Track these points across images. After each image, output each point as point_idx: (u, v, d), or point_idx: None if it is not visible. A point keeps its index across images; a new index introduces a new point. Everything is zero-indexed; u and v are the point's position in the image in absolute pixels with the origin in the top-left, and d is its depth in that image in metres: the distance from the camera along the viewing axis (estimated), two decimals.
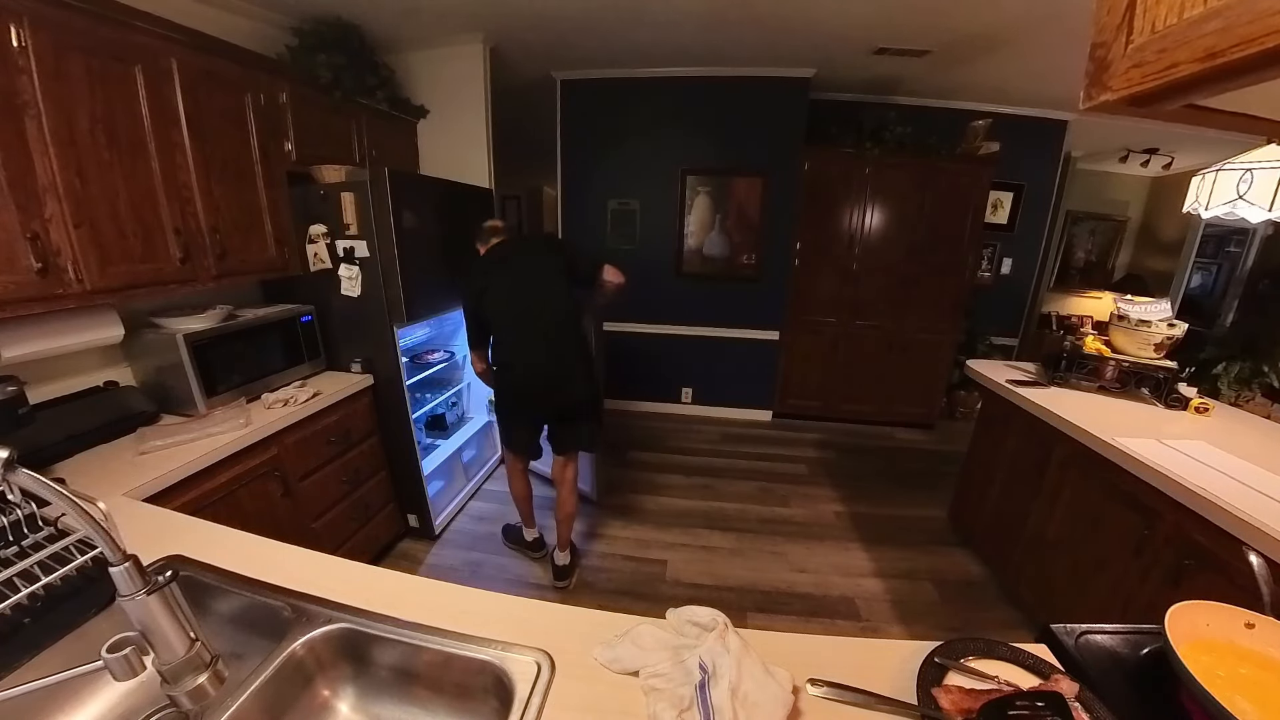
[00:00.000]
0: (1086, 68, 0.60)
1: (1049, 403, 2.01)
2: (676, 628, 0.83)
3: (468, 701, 0.82)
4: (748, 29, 2.73)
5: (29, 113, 1.25)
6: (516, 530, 2.48)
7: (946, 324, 3.84)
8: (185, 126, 1.62)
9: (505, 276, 1.98)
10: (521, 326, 1.99)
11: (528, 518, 2.39)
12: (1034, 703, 0.63)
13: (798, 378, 4.05)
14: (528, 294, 1.98)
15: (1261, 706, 0.64)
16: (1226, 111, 0.65)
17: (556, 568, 2.26)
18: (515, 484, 2.32)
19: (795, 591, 2.26)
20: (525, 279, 1.99)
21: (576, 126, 3.71)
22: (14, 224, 1.24)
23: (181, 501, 1.39)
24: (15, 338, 1.36)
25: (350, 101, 2.34)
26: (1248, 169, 1.44)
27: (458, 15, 2.54)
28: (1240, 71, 0.47)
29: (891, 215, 3.65)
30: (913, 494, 3.11)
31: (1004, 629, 2.08)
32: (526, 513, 2.37)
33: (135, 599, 0.56)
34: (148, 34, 1.50)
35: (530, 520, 2.39)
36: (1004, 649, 0.80)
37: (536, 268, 2.02)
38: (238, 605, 0.91)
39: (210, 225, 1.73)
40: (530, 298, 1.98)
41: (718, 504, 2.91)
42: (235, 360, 1.83)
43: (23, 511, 0.91)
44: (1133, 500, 1.60)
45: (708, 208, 3.74)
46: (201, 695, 0.61)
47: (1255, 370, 3.06)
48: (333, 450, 2.01)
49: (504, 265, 2.01)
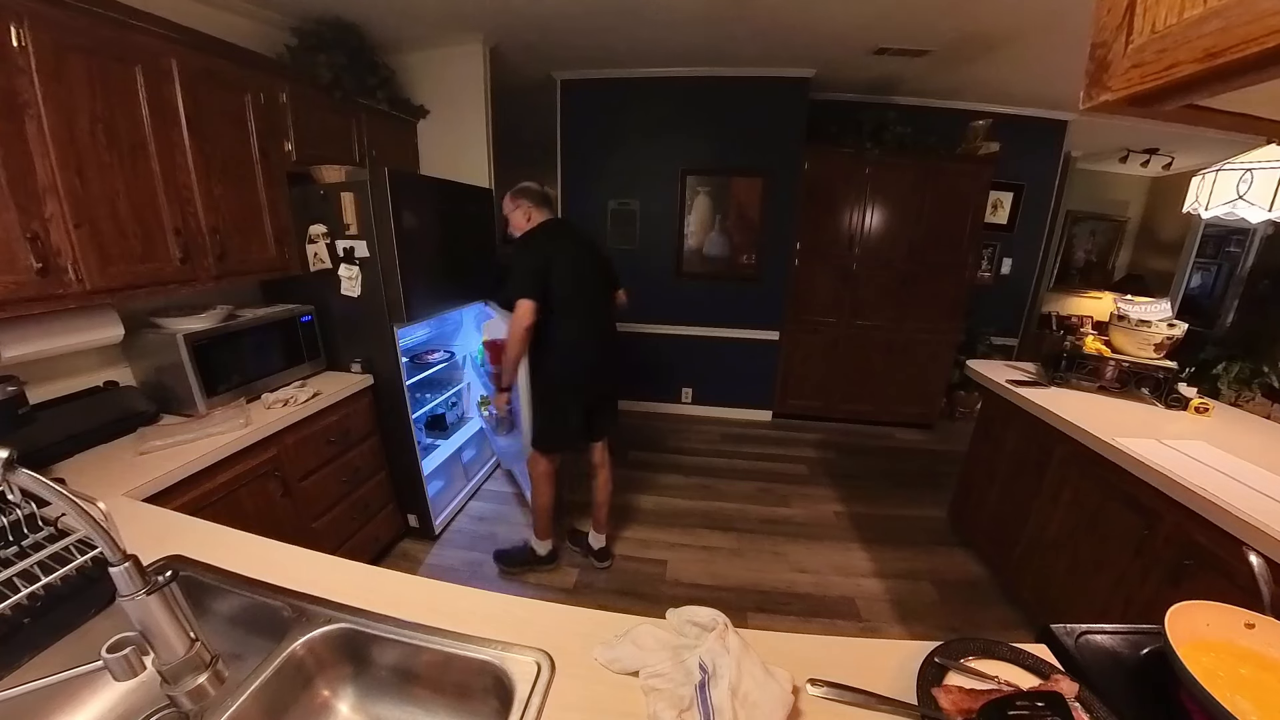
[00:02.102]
0: (1086, 68, 0.60)
1: (1049, 403, 2.01)
2: (676, 628, 0.83)
3: (468, 701, 0.82)
4: (748, 29, 2.73)
5: (29, 113, 1.24)
6: (521, 552, 2.33)
7: (946, 324, 3.84)
8: (185, 126, 1.62)
9: (568, 256, 1.98)
10: (588, 309, 2.04)
11: (550, 527, 2.28)
12: (1034, 703, 0.63)
13: (797, 378, 4.05)
14: (590, 279, 2.05)
15: (1261, 706, 0.64)
16: (1226, 111, 0.65)
17: (598, 551, 2.36)
18: (551, 491, 2.21)
19: (795, 591, 2.26)
20: (586, 264, 2.04)
21: (576, 126, 3.71)
22: (14, 224, 1.24)
23: (181, 501, 1.39)
24: (15, 338, 1.36)
25: (350, 101, 2.34)
26: (1248, 169, 1.44)
27: (458, 15, 2.54)
28: (1240, 71, 0.47)
29: (891, 215, 3.65)
30: (913, 494, 3.11)
31: (1004, 629, 2.08)
32: (551, 522, 2.28)
33: (135, 599, 0.56)
34: (148, 34, 1.50)
35: (550, 530, 2.29)
36: (1004, 649, 0.80)
37: (592, 256, 2.08)
38: (238, 605, 0.91)
39: (210, 225, 1.73)
40: (592, 283, 2.07)
41: (718, 504, 2.91)
42: (235, 360, 1.83)
43: (23, 511, 0.91)
44: (1133, 500, 1.60)
45: (708, 208, 3.74)
46: (201, 695, 0.61)
47: (1255, 370, 3.06)
48: (333, 450, 2.01)
49: (565, 246, 2.00)
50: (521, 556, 2.34)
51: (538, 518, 2.27)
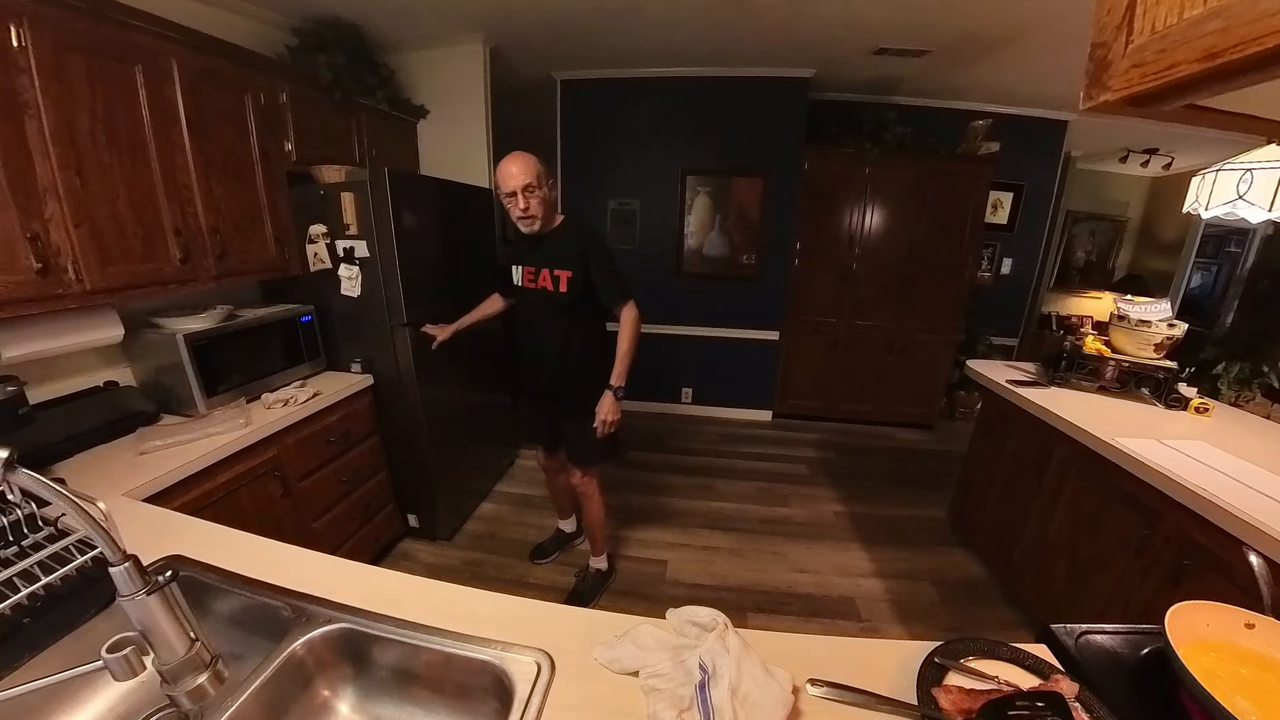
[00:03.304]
0: (1086, 68, 0.60)
1: (1049, 403, 2.01)
2: (676, 628, 0.83)
3: (468, 702, 0.82)
4: (748, 28, 2.73)
5: (29, 113, 1.24)
6: (592, 580, 2.23)
7: (946, 324, 3.84)
8: (185, 126, 1.62)
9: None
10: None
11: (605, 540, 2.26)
12: (1034, 703, 0.63)
13: (798, 378, 4.05)
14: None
15: (1261, 707, 0.64)
16: (1226, 111, 0.65)
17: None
18: (603, 503, 2.16)
19: (795, 591, 2.26)
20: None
21: (576, 126, 3.70)
22: (14, 224, 1.24)
23: (181, 501, 1.39)
24: (15, 338, 1.36)
25: (350, 101, 2.34)
26: (1248, 169, 1.44)
27: (458, 15, 2.54)
28: (1240, 71, 0.47)
29: (891, 215, 3.65)
30: (912, 494, 3.11)
31: (1004, 629, 2.08)
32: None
33: (135, 599, 0.56)
34: (148, 34, 1.50)
35: (605, 542, 2.27)
36: (1004, 649, 0.80)
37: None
38: (238, 605, 0.91)
39: (210, 225, 1.73)
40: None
41: (718, 504, 2.91)
42: (235, 360, 1.83)
43: (23, 511, 0.91)
44: (1133, 500, 1.60)
45: (708, 208, 3.74)
46: (201, 695, 0.61)
47: (1255, 370, 3.06)
48: (333, 450, 2.01)
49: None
50: (596, 584, 2.22)
51: (596, 536, 2.19)
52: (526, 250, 1.85)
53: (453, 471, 2.52)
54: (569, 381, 1.92)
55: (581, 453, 2.00)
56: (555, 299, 1.80)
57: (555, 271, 1.78)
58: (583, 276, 1.77)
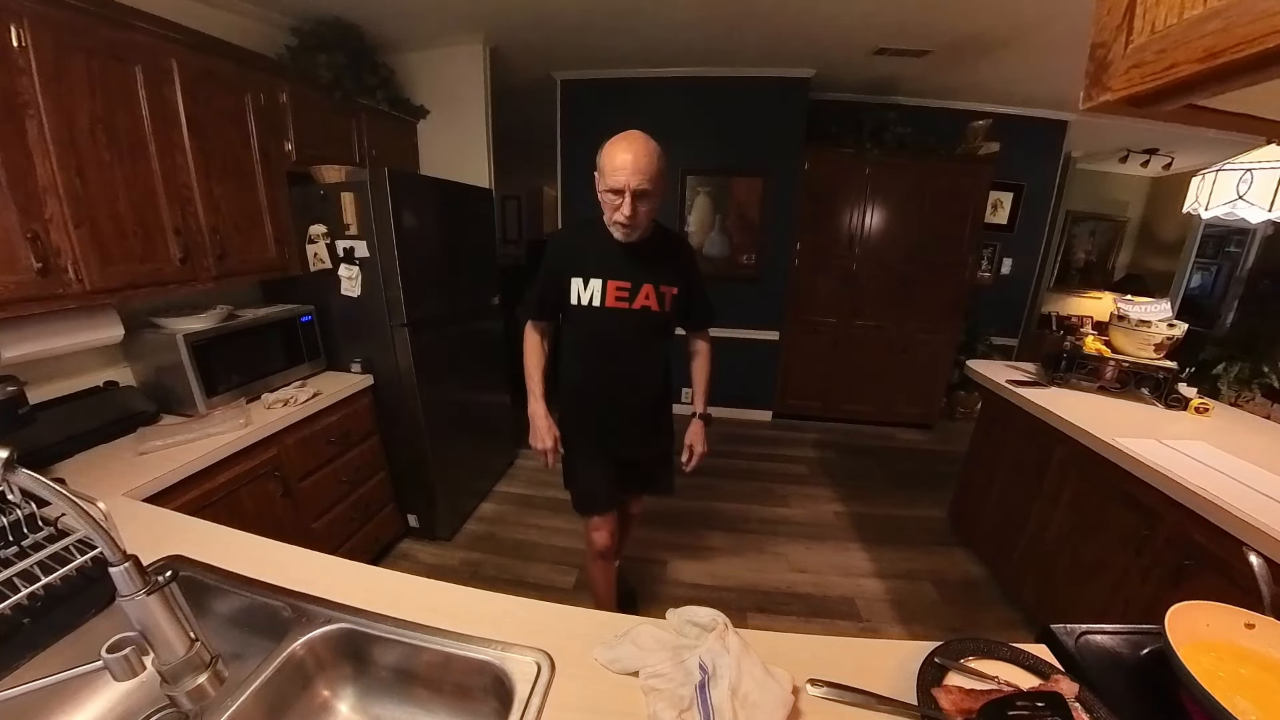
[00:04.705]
0: (1086, 68, 0.60)
1: (1049, 403, 2.01)
2: (676, 628, 0.83)
3: (468, 702, 0.82)
4: (748, 29, 2.73)
5: (29, 113, 1.24)
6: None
7: (946, 324, 3.84)
8: (185, 126, 1.62)
9: None
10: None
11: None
12: (1034, 703, 0.63)
13: (798, 378, 4.05)
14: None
15: (1261, 707, 0.64)
16: (1226, 111, 0.65)
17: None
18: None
19: (795, 591, 2.26)
20: None
21: (576, 126, 3.70)
22: (14, 224, 1.24)
23: (181, 501, 1.39)
24: (15, 338, 1.36)
25: (350, 101, 2.34)
26: (1248, 169, 1.44)
27: (458, 15, 2.54)
28: (1240, 71, 0.47)
29: (891, 215, 3.65)
30: (913, 494, 3.11)
31: (1004, 629, 2.08)
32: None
33: (135, 599, 0.56)
34: (148, 34, 1.50)
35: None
36: (1004, 649, 0.80)
37: None
38: (238, 605, 0.91)
39: (210, 225, 1.73)
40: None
41: (718, 504, 2.91)
42: (235, 360, 1.83)
43: (23, 511, 0.91)
44: (1133, 500, 1.60)
45: (708, 208, 3.74)
46: (201, 695, 0.61)
47: (1255, 370, 3.06)
48: (333, 450, 2.01)
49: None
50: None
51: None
52: (607, 259, 1.40)
53: (453, 471, 2.53)
54: (661, 416, 1.66)
55: (669, 484, 1.76)
56: (655, 320, 1.47)
57: (662, 288, 1.45)
58: (685, 293, 1.53)
